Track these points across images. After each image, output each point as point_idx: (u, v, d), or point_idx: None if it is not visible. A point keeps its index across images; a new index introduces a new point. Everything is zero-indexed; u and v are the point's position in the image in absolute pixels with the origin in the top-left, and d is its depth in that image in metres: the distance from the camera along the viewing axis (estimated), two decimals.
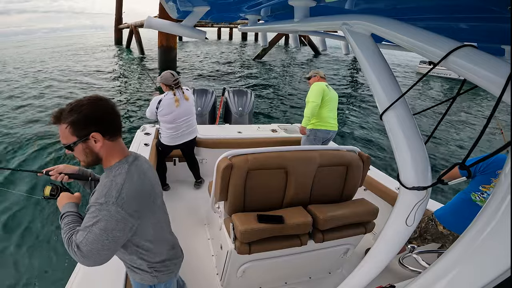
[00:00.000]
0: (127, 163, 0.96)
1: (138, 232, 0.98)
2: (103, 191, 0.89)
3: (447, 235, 1.74)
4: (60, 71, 12.84)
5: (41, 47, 24.11)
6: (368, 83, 0.64)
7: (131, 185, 0.92)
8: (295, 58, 18.86)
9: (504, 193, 0.42)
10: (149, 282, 1.15)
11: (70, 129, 0.89)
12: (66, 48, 21.82)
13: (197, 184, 3.06)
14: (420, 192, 0.58)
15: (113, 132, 0.95)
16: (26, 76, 11.71)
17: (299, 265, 1.82)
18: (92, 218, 0.87)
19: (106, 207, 0.86)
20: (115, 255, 1.01)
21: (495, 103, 0.41)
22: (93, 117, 0.89)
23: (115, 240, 0.89)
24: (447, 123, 8.34)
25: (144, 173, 1.00)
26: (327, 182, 1.76)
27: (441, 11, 0.78)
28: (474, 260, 0.45)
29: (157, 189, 1.08)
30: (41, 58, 16.43)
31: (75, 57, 16.06)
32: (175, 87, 2.53)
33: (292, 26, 0.98)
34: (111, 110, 0.94)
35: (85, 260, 0.89)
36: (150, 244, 1.07)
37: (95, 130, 0.89)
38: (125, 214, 0.88)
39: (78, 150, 0.92)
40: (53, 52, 18.60)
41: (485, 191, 1.59)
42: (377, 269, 0.75)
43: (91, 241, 0.86)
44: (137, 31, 18.24)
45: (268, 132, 3.35)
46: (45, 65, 14.20)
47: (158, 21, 1.26)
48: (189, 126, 2.72)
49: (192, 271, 1.97)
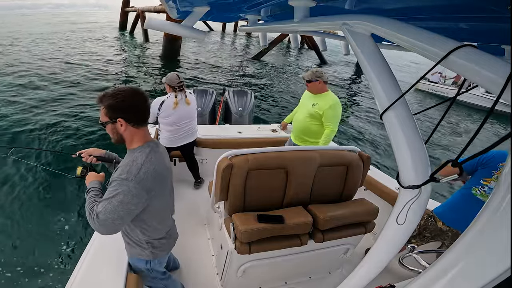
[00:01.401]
0: (149, 147, 1.12)
1: (148, 208, 1.12)
2: (125, 168, 1.04)
3: (446, 231, 1.75)
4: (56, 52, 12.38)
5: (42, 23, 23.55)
6: (368, 83, 0.64)
7: (150, 166, 1.06)
8: (298, 63, 18.47)
9: (504, 193, 0.42)
10: (145, 257, 1.31)
11: (105, 110, 1.07)
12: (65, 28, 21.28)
13: (197, 184, 3.06)
14: (414, 190, 0.58)
15: (137, 121, 1.10)
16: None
17: (299, 265, 1.82)
18: (113, 191, 1.02)
19: (126, 183, 1.01)
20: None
21: (494, 102, 0.41)
22: (122, 106, 1.06)
23: (129, 212, 1.04)
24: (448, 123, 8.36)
25: (162, 158, 1.16)
26: (327, 182, 1.76)
27: (441, 11, 0.78)
28: (474, 260, 0.45)
29: (170, 175, 1.26)
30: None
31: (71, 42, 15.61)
32: (179, 89, 2.50)
33: (292, 26, 0.98)
34: (141, 103, 1.10)
35: (100, 227, 1.04)
36: (155, 222, 1.22)
37: (121, 116, 1.06)
38: (141, 190, 1.03)
39: (108, 128, 1.11)
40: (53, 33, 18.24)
41: (486, 184, 1.59)
42: (377, 269, 0.75)
43: (109, 211, 1.00)
44: (143, 16, 17.49)
45: (268, 132, 3.35)
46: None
47: (158, 21, 1.26)
48: (189, 130, 2.71)
49: (192, 271, 1.97)
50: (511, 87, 0.39)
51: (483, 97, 12.40)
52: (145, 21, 1.24)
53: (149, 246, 1.27)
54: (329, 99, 2.41)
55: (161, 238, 1.30)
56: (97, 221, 1.02)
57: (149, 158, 1.08)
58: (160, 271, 1.45)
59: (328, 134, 2.44)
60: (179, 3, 1.15)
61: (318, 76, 2.42)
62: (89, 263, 1.40)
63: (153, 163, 1.08)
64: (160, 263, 1.40)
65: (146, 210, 1.13)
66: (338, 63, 19.15)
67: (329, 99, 2.42)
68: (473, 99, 12.64)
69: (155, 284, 1.48)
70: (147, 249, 1.28)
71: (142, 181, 1.02)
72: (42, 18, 28.10)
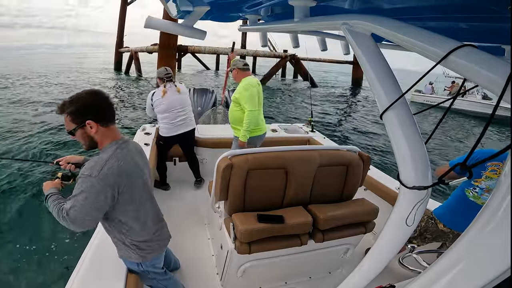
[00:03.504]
0: (116, 145, 1.12)
1: (120, 208, 1.12)
2: (89, 165, 1.04)
3: (448, 233, 1.75)
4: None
5: (42, 64, 24.07)
6: (368, 83, 0.64)
7: (114, 162, 1.06)
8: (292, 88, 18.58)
9: (504, 193, 0.42)
10: (134, 259, 1.30)
11: (70, 117, 1.05)
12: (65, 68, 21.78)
13: (197, 184, 3.06)
14: (420, 192, 0.58)
15: (106, 119, 1.09)
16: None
17: (299, 265, 1.82)
18: (78, 188, 1.03)
19: (90, 179, 1.01)
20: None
21: (496, 103, 0.41)
22: (88, 107, 1.05)
23: (97, 208, 1.05)
24: (448, 123, 8.37)
25: (130, 154, 1.15)
26: (327, 182, 1.76)
27: (441, 11, 0.78)
28: (474, 260, 0.45)
29: (142, 171, 1.22)
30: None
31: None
32: (167, 79, 2.69)
33: (292, 26, 0.98)
34: (104, 101, 1.09)
35: (72, 224, 1.05)
36: (135, 225, 1.21)
37: (89, 118, 1.05)
38: (105, 185, 1.02)
39: (78, 135, 1.09)
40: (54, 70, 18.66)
41: (477, 185, 1.60)
42: (377, 269, 0.75)
43: (77, 208, 1.02)
44: (137, 56, 18.29)
45: (268, 132, 3.35)
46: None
47: (158, 21, 1.26)
48: (185, 119, 2.80)
49: (192, 271, 1.97)
50: (511, 87, 0.38)
51: (481, 103, 12.54)
52: (145, 21, 1.24)
53: (135, 248, 1.26)
54: (243, 82, 2.50)
55: (146, 241, 1.28)
56: (68, 218, 1.04)
57: (114, 154, 1.08)
58: (157, 272, 1.44)
59: (246, 116, 2.43)
60: (179, 3, 1.15)
61: (233, 65, 2.58)
62: (89, 263, 1.39)
63: (118, 159, 1.07)
64: (153, 264, 1.38)
65: (120, 210, 1.13)
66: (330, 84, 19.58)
67: (243, 81, 2.49)
68: (471, 106, 12.77)
69: (155, 284, 1.48)
70: (134, 251, 1.27)
71: (106, 177, 1.02)
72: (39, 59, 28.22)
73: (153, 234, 1.31)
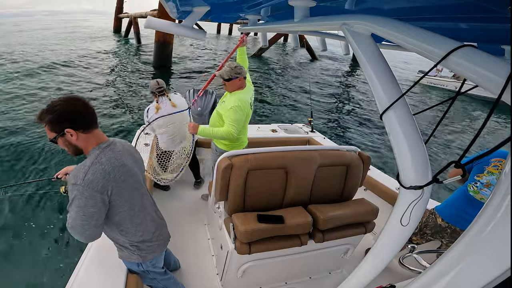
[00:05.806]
0: (99, 149, 1.10)
1: (115, 210, 1.11)
2: (73, 173, 1.03)
3: (445, 228, 1.77)
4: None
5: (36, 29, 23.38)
6: (368, 83, 0.64)
7: (98, 166, 1.04)
8: (292, 59, 18.66)
9: (504, 193, 0.42)
10: (134, 260, 1.30)
11: (49, 126, 1.03)
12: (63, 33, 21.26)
13: (197, 184, 3.06)
14: (417, 191, 0.58)
15: (85, 126, 1.06)
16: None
17: (299, 265, 1.82)
18: (70, 198, 1.02)
19: (76, 187, 1.00)
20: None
21: (494, 103, 0.41)
22: (64, 116, 1.02)
23: (91, 215, 1.02)
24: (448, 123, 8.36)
25: (116, 156, 1.12)
26: (327, 182, 1.76)
27: (441, 11, 0.78)
28: (474, 260, 0.45)
29: (131, 171, 1.18)
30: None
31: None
32: (159, 94, 2.58)
33: (292, 26, 0.98)
34: (82, 108, 1.06)
35: (74, 234, 1.05)
36: (130, 226, 1.20)
37: (67, 126, 1.02)
38: (93, 191, 1.00)
39: (60, 143, 1.07)
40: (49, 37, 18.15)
41: (479, 180, 1.63)
42: (377, 269, 0.75)
43: (74, 217, 1.02)
44: (136, 22, 17.99)
45: (268, 132, 3.35)
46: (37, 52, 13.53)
47: (158, 21, 1.26)
48: (185, 133, 2.66)
49: (192, 271, 1.97)
50: (511, 87, 0.38)
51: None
52: (145, 21, 1.24)
53: (135, 248, 1.26)
54: (233, 99, 2.04)
55: (146, 241, 1.28)
56: (70, 229, 1.05)
57: (98, 159, 1.06)
58: (158, 272, 1.44)
59: (224, 132, 2.02)
60: (179, 3, 1.15)
61: (238, 73, 2.02)
62: (89, 263, 1.40)
63: (102, 163, 1.05)
64: (153, 264, 1.38)
65: (115, 212, 1.12)
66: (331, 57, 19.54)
67: (234, 99, 2.04)
68: (477, 90, 12.92)
69: (155, 284, 1.48)
70: (134, 251, 1.27)
71: (91, 183, 1.00)
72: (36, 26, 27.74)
73: (152, 234, 1.31)
